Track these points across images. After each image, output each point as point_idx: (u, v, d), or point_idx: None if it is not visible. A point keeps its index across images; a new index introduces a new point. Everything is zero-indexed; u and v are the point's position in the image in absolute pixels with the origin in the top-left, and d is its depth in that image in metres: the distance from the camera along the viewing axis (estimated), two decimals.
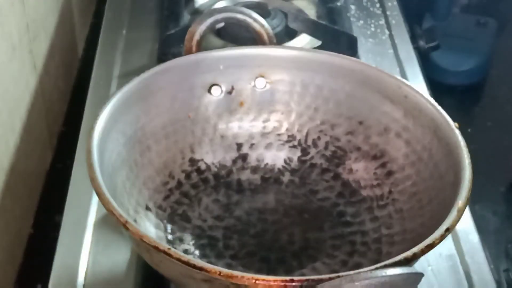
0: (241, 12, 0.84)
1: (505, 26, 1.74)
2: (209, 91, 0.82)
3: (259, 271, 0.70)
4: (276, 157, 0.83)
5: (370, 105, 0.79)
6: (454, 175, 0.67)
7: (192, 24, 0.83)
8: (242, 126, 0.83)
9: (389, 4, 1.15)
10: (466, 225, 0.79)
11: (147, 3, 1.14)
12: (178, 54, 0.95)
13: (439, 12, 1.69)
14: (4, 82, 0.87)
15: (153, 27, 1.08)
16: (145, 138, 0.77)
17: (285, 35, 1.01)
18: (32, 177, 0.98)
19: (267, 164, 0.83)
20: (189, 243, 0.73)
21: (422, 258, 0.60)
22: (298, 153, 0.83)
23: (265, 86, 0.83)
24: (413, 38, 1.12)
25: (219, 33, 1.01)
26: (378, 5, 1.15)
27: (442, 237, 0.60)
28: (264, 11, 0.97)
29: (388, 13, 1.13)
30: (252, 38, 0.85)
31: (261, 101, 0.83)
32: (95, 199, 0.80)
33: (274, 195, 0.80)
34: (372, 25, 1.10)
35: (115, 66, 1.01)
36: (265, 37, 0.84)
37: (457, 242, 0.78)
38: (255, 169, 0.82)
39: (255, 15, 0.84)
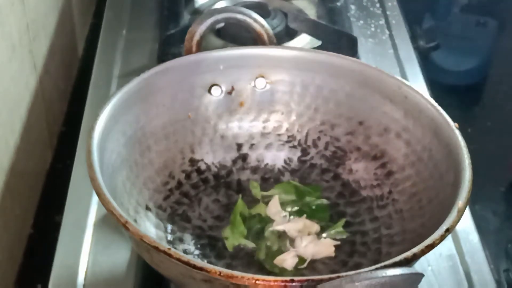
0: (241, 12, 0.84)
1: (505, 26, 1.73)
2: (209, 91, 0.82)
3: (259, 271, 0.70)
4: (276, 157, 0.83)
5: (370, 105, 0.79)
6: (454, 175, 0.67)
7: (192, 24, 0.83)
8: (242, 126, 0.83)
9: (389, 4, 1.15)
10: (466, 225, 0.79)
11: (147, 3, 1.14)
12: (178, 54, 0.95)
13: (439, 12, 1.68)
14: (4, 82, 0.87)
15: (153, 27, 1.08)
16: (145, 138, 0.77)
17: (285, 35, 1.01)
18: (32, 177, 0.98)
19: (267, 164, 0.83)
20: (189, 243, 0.73)
21: (422, 258, 0.60)
22: (298, 153, 0.83)
23: (265, 86, 0.83)
24: (413, 38, 1.12)
25: (219, 33, 1.01)
26: (378, 5, 1.15)
27: (442, 238, 0.60)
28: (264, 11, 0.97)
29: (388, 13, 1.13)
30: (252, 38, 0.85)
31: (261, 101, 0.83)
32: (95, 199, 0.80)
33: None
34: (372, 25, 1.10)
35: (115, 66, 1.01)
36: (265, 37, 0.84)
37: (457, 242, 0.78)
38: (255, 169, 0.82)
39: (255, 15, 0.84)
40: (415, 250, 0.59)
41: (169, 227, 0.75)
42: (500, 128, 1.55)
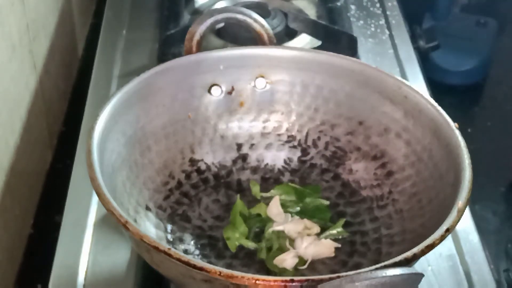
0: (241, 13, 0.84)
1: (505, 26, 1.74)
2: (209, 91, 0.82)
3: (259, 271, 0.70)
4: (276, 157, 0.83)
5: (370, 105, 0.79)
6: (454, 175, 0.67)
7: (192, 24, 0.83)
8: (242, 126, 0.83)
9: (389, 4, 1.15)
10: (466, 225, 0.79)
11: (147, 3, 1.14)
12: (178, 54, 0.95)
13: (439, 12, 1.69)
14: (4, 82, 0.87)
15: (153, 27, 1.08)
16: (145, 138, 0.77)
17: (285, 35, 1.01)
18: (32, 177, 0.98)
19: (267, 164, 0.83)
20: (189, 243, 0.73)
21: (422, 258, 0.60)
22: (298, 154, 0.83)
23: (265, 86, 0.83)
24: (413, 38, 1.12)
25: (219, 33, 1.01)
26: (378, 5, 1.15)
27: (442, 238, 0.60)
28: (264, 11, 0.97)
29: (388, 13, 1.13)
30: (252, 38, 0.85)
31: (261, 101, 0.83)
32: (95, 199, 0.80)
33: None
34: (372, 25, 1.10)
35: (115, 66, 1.01)
36: (265, 37, 0.84)
37: (457, 242, 0.78)
38: (255, 169, 0.82)
39: (255, 15, 0.84)
40: (415, 250, 0.59)
41: (169, 227, 0.75)
42: (500, 128, 1.56)
